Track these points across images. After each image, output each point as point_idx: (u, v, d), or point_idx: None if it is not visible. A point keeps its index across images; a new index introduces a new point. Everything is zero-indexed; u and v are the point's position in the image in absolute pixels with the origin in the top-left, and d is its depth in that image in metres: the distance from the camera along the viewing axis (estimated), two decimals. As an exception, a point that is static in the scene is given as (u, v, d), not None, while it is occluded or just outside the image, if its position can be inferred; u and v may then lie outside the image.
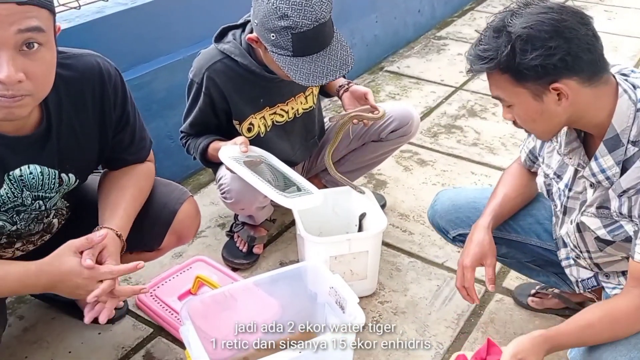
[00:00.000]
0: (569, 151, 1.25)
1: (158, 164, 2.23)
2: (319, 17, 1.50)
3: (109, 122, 1.32)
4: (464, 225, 1.54)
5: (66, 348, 1.64)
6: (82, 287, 1.19)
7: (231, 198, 1.75)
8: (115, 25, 1.99)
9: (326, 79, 1.56)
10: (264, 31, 1.53)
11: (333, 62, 1.57)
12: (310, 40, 1.52)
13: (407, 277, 1.90)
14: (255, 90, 1.73)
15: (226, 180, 1.73)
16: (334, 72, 1.57)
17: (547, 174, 1.37)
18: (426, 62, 3.49)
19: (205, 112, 1.74)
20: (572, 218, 1.32)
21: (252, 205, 1.79)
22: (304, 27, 1.49)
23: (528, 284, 1.80)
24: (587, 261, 1.35)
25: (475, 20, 4.06)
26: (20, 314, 1.74)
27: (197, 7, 2.28)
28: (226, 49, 1.68)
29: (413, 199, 2.27)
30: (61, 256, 1.19)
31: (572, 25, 1.08)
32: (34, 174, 1.23)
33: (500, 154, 2.57)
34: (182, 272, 1.83)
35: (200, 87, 1.69)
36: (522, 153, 1.52)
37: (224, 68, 1.68)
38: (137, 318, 1.74)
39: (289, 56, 1.53)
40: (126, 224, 1.33)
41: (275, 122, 1.82)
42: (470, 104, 3.00)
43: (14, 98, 1.03)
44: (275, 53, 1.54)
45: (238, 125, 1.77)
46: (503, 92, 1.18)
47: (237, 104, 1.73)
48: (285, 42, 1.51)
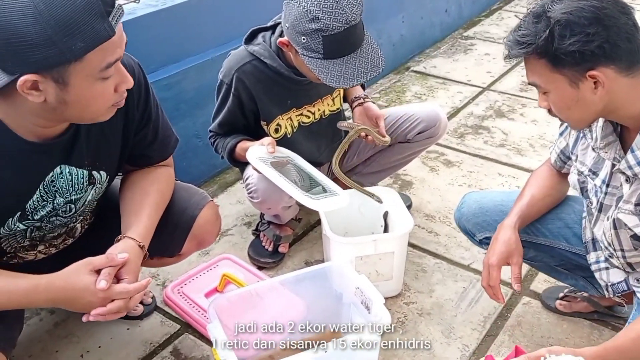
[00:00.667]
0: (605, 145, 1.24)
1: (186, 163, 2.27)
2: (350, 20, 1.51)
3: (132, 118, 1.33)
4: (491, 229, 1.52)
5: (96, 343, 1.67)
6: (94, 304, 1.19)
7: (258, 197, 1.76)
8: (145, 27, 2.02)
9: (357, 80, 1.57)
10: (295, 34, 1.54)
11: (364, 64, 1.57)
12: (341, 42, 1.53)
13: (433, 279, 1.89)
14: (283, 92, 1.75)
15: (253, 180, 1.75)
16: (364, 73, 1.57)
17: (582, 171, 1.36)
18: (453, 62, 3.47)
19: (234, 113, 1.75)
20: (608, 215, 1.30)
21: (278, 204, 1.80)
22: (335, 30, 1.50)
23: (556, 287, 1.78)
24: (620, 260, 1.32)
25: (503, 20, 4.02)
26: (51, 309, 1.78)
27: (226, 8, 2.30)
28: (256, 50, 1.69)
29: (439, 200, 2.26)
30: (77, 273, 1.18)
31: (612, 13, 1.08)
32: (64, 175, 1.25)
33: (528, 155, 2.54)
34: (208, 269, 1.85)
35: (229, 88, 1.71)
36: (552, 154, 1.50)
37: (253, 70, 1.70)
38: (164, 314, 1.76)
39: (319, 59, 1.54)
40: (149, 232, 1.33)
41: (302, 122, 1.83)
42: (498, 105, 2.97)
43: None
44: (306, 56, 1.55)
45: (266, 126, 1.78)
46: (540, 78, 1.18)
47: (265, 105, 1.75)
48: (316, 44, 1.52)
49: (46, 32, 0.96)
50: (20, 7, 0.95)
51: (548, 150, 2.56)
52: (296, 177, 1.67)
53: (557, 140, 1.48)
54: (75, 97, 1.06)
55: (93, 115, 1.14)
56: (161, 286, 1.85)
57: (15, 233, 1.27)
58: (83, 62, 1.02)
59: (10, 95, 1.06)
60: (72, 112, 1.10)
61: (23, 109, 1.09)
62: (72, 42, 0.98)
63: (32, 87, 1.02)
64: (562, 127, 1.46)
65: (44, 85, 1.03)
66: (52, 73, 1.01)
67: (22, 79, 1.00)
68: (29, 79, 1.00)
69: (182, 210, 1.48)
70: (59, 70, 1.01)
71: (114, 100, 1.14)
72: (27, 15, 0.95)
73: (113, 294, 1.19)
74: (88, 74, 1.04)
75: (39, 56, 0.98)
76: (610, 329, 1.68)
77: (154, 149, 1.44)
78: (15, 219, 1.23)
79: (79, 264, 1.19)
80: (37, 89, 1.03)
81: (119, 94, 1.14)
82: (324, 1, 1.49)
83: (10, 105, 1.09)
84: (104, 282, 1.18)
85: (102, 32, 1.01)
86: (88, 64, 1.03)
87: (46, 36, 0.96)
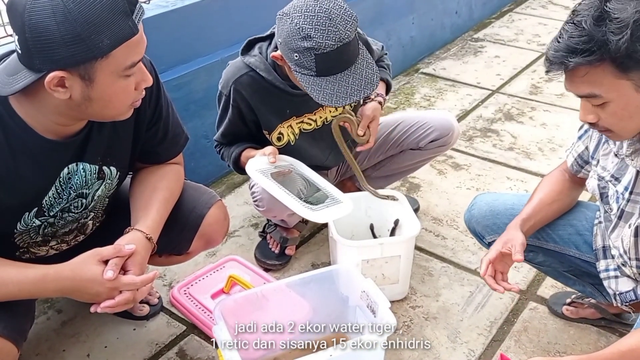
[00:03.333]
0: (632, 152, 1.21)
1: (194, 163, 2.28)
2: (343, 37, 1.47)
3: (143, 115, 1.35)
4: (501, 232, 1.51)
5: (102, 343, 1.68)
6: (102, 295, 1.21)
7: (263, 206, 1.77)
8: (155, 27, 2.03)
9: (349, 99, 1.53)
10: (288, 50, 1.52)
11: (357, 81, 1.53)
12: (334, 60, 1.50)
13: (439, 283, 1.88)
14: (281, 102, 1.73)
15: (258, 189, 1.75)
16: (358, 92, 1.53)
17: (603, 176, 1.33)
18: (462, 64, 3.45)
19: (235, 123, 1.75)
20: (630, 222, 1.28)
21: (284, 213, 1.80)
22: (327, 48, 1.47)
23: (563, 293, 1.77)
24: (633, 269, 1.31)
25: (513, 22, 4.00)
26: (59, 308, 1.79)
27: (236, 9, 2.30)
28: (251, 62, 1.67)
29: (447, 203, 2.25)
30: (84, 263, 1.20)
31: None
32: (78, 172, 1.27)
33: (537, 159, 2.53)
34: (215, 271, 1.85)
35: (228, 99, 1.71)
36: (568, 157, 1.47)
37: (250, 81, 1.68)
38: (171, 315, 1.77)
39: (312, 76, 1.51)
40: (158, 226, 1.34)
41: (303, 129, 1.81)
42: (507, 108, 2.96)
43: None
44: (299, 72, 1.53)
45: (268, 135, 1.78)
46: (600, 87, 1.10)
47: (263, 115, 1.74)
48: (309, 62, 1.49)
49: (75, 29, 1.00)
50: (50, 6, 0.99)
51: (557, 154, 2.57)
52: (301, 185, 1.67)
53: (575, 144, 1.45)
54: (100, 93, 1.09)
55: (114, 112, 1.17)
56: (168, 287, 1.86)
57: (30, 229, 1.29)
58: (109, 59, 1.05)
59: (35, 93, 1.09)
60: (95, 108, 1.13)
61: (46, 106, 1.12)
62: (99, 39, 1.02)
63: (59, 83, 1.05)
64: (580, 130, 1.43)
65: (70, 82, 1.05)
66: (78, 70, 1.04)
67: (50, 76, 1.03)
68: (57, 75, 1.03)
69: (191, 208, 1.49)
70: (86, 67, 1.04)
71: (134, 98, 1.17)
72: (57, 14, 0.99)
73: (120, 284, 1.21)
74: (113, 70, 1.08)
75: (67, 53, 1.01)
76: (618, 335, 1.66)
77: (164, 147, 1.45)
78: (32, 215, 1.26)
79: (87, 254, 1.22)
80: (63, 86, 1.06)
81: (138, 92, 1.17)
82: (316, 19, 1.46)
83: (33, 104, 1.12)
84: (111, 272, 1.19)
85: (127, 29, 1.05)
86: (113, 60, 1.06)
87: (75, 33, 1.00)
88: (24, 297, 1.21)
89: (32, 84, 1.05)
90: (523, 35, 3.80)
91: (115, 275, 1.20)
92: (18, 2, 1.01)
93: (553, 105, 2.97)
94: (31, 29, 1.00)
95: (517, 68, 3.38)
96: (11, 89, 1.06)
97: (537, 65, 3.42)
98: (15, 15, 1.02)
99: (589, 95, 1.13)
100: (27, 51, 1.02)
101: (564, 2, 4.34)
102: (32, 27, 0.99)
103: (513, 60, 3.48)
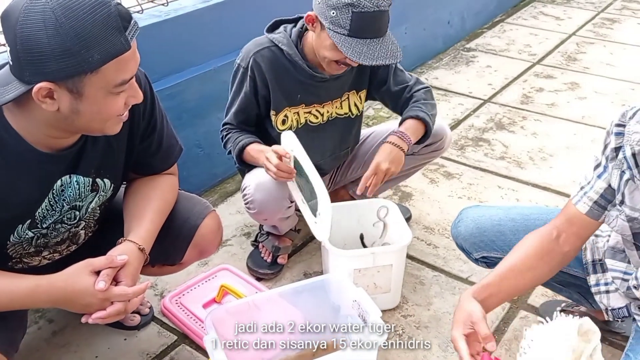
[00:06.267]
0: None
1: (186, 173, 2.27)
2: (380, 4, 1.55)
3: (137, 128, 1.35)
4: (488, 249, 1.52)
5: (93, 353, 1.67)
6: (94, 305, 1.20)
7: (254, 208, 1.77)
8: (149, 37, 2.03)
9: (376, 61, 1.59)
10: (326, 8, 1.57)
11: (384, 50, 1.61)
12: (368, 22, 1.57)
13: (431, 291, 1.89)
14: (294, 85, 1.76)
15: (250, 191, 1.75)
16: (383, 58, 1.61)
17: (634, 217, 1.20)
18: (454, 74, 3.48)
19: (249, 99, 1.77)
20: None
21: (275, 215, 1.80)
22: (365, 8, 1.54)
23: (554, 301, 1.78)
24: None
25: (505, 33, 4.03)
26: (50, 318, 1.78)
27: (229, 19, 2.32)
28: (275, 38, 1.74)
29: (438, 212, 2.26)
30: (76, 274, 1.19)
31: None
32: (72, 184, 1.27)
33: (528, 168, 2.55)
34: (207, 280, 1.85)
35: (245, 71, 1.74)
36: (582, 201, 1.27)
37: (270, 55, 1.73)
38: (162, 325, 1.77)
39: (344, 35, 1.57)
40: (151, 237, 1.34)
41: (309, 122, 1.83)
42: (499, 117, 2.98)
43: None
44: (332, 30, 1.58)
45: (274, 116, 1.79)
46: None
47: (276, 92, 1.76)
48: (345, 19, 1.55)
49: (65, 43, 0.99)
50: (42, 19, 0.99)
51: (547, 163, 2.59)
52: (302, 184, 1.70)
53: (593, 185, 1.26)
54: (88, 108, 1.09)
55: (101, 126, 1.16)
56: (159, 296, 1.86)
57: (23, 241, 1.29)
58: (98, 74, 1.05)
59: (26, 105, 1.09)
60: (82, 122, 1.12)
61: (37, 118, 1.12)
62: (89, 54, 1.02)
63: (47, 95, 1.05)
64: (599, 168, 1.25)
65: (58, 94, 1.05)
66: (67, 83, 1.04)
67: (37, 86, 1.03)
68: (45, 86, 1.03)
69: (185, 219, 1.49)
70: (74, 81, 1.04)
71: (122, 112, 1.17)
72: (48, 27, 0.99)
73: (112, 295, 1.20)
74: (102, 86, 1.07)
75: (56, 67, 1.01)
76: (607, 344, 1.67)
77: (158, 158, 1.45)
78: (25, 227, 1.25)
79: (79, 264, 1.21)
80: (51, 97, 1.06)
81: (126, 107, 1.16)
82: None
83: (24, 116, 1.12)
84: (102, 283, 1.19)
85: (119, 45, 1.05)
86: (103, 76, 1.06)
87: (65, 47, 1.00)
88: (15, 308, 1.21)
89: (24, 96, 1.05)
90: (514, 46, 3.84)
91: (107, 286, 1.19)
92: (12, 13, 1.01)
93: (544, 115, 3.00)
94: (22, 41, 1.00)
95: (508, 78, 3.41)
96: (1, 99, 1.06)
97: (528, 75, 3.45)
98: (8, 26, 1.02)
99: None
100: (18, 63, 1.03)
101: (555, 13, 4.39)
102: (24, 39, 1.00)
103: (504, 70, 3.51)
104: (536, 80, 3.39)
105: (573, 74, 3.45)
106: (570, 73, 3.47)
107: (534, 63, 3.60)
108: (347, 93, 1.86)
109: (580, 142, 2.75)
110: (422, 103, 1.85)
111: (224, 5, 2.28)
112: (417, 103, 1.85)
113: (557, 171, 2.53)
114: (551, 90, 3.27)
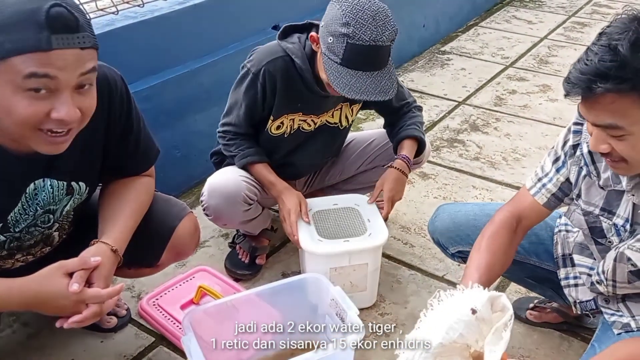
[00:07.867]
0: (633, 187, 1.17)
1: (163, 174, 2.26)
2: (378, 39, 1.52)
3: (114, 130, 1.34)
4: (464, 243, 1.55)
5: (69, 355, 1.66)
6: (67, 308, 1.18)
7: (211, 214, 1.77)
8: (124, 38, 2.03)
9: (360, 95, 1.56)
10: (325, 33, 1.57)
11: (373, 85, 1.57)
12: (362, 55, 1.54)
13: (408, 290, 1.91)
14: (297, 95, 1.75)
15: (204, 197, 1.76)
16: (370, 93, 1.57)
17: (590, 211, 1.27)
18: (430, 76, 3.53)
19: (256, 104, 1.75)
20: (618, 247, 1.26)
21: (234, 220, 1.80)
22: (360, 41, 1.51)
23: (526, 298, 1.82)
24: (608, 289, 1.31)
25: (479, 36, 4.10)
26: (25, 321, 1.76)
27: (205, 21, 2.32)
28: (289, 48, 1.70)
29: (414, 212, 2.29)
30: (49, 276, 1.18)
31: None
32: (46, 188, 1.25)
33: (502, 168, 2.59)
34: (185, 281, 1.85)
35: (255, 78, 1.71)
36: (541, 193, 1.35)
37: (283, 66, 1.70)
38: (139, 327, 1.76)
39: (337, 63, 1.56)
40: (124, 239, 1.32)
41: (302, 128, 1.84)
42: (473, 119, 3.03)
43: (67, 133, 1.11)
44: (326, 56, 1.58)
45: (271, 121, 1.79)
46: (624, 118, 1.01)
47: (280, 101, 1.75)
48: (339, 48, 1.54)
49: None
50: None
51: (520, 163, 2.64)
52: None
53: (552, 177, 1.34)
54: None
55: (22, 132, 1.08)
56: (136, 298, 1.85)
57: None
58: (6, 64, 1.00)
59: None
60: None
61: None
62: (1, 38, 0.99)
63: None
64: (557, 162, 1.34)
65: None
66: None
67: None
68: None
69: (162, 220, 1.48)
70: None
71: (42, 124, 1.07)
72: None
73: (85, 297, 1.19)
74: (9, 79, 1.01)
75: None
76: (580, 339, 1.72)
77: (135, 161, 1.44)
78: None
79: (52, 267, 1.19)
80: None
81: (51, 121, 1.07)
82: (361, 13, 1.51)
83: None
84: (76, 285, 1.17)
85: (34, 41, 0.99)
86: (11, 68, 1.01)
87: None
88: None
89: None
90: (488, 49, 3.90)
91: (81, 288, 1.18)
92: None
93: (516, 117, 3.05)
94: None
95: (482, 80, 3.47)
96: None
97: (502, 78, 3.51)
98: None
99: (610, 125, 1.03)
100: None
101: (527, 17, 4.48)
102: None
103: (478, 72, 3.57)
104: (509, 82, 3.45)
105: (545, 77, 3.52)
106: (542, 75, 3.54)
107: (507, 66, 3.67)
108: (342, 104, 1.87)
109: (552, 143, 2.73)
110: (419, 122, 1.92)
111: (201, 7, 2.28)
112: (415, 121, 1.91)
113: (529, 171, 2.56)
114: (524, 92, 3.34)
